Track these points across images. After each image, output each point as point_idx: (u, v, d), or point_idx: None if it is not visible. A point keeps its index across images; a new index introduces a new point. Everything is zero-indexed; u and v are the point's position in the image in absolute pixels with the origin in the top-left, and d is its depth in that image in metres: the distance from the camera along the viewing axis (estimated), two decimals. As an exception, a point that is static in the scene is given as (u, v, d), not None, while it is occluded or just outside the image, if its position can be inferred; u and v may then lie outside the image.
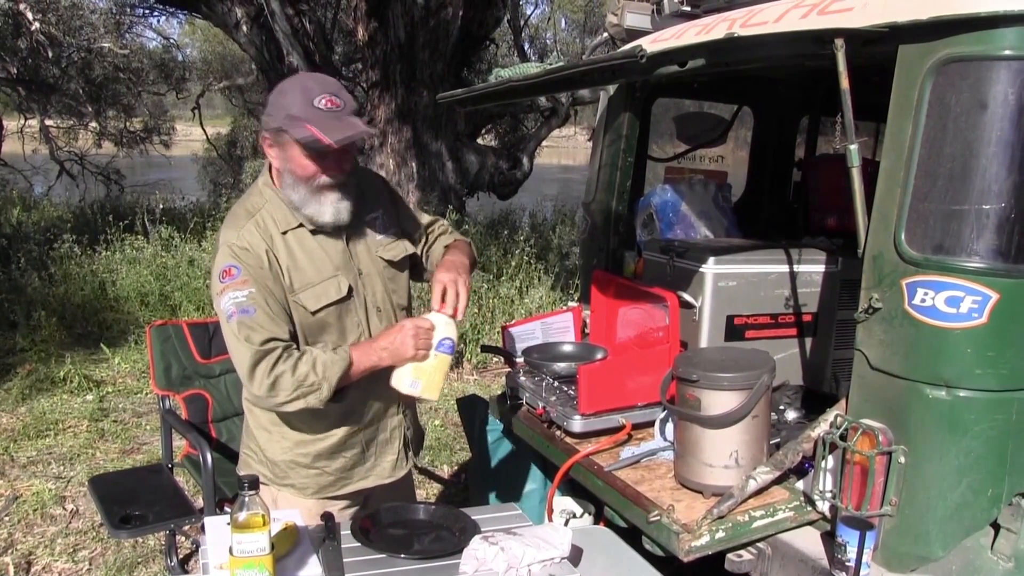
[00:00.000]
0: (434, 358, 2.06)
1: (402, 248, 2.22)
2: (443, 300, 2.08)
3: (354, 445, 2.18)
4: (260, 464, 2.18)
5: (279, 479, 2.17)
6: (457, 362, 6.00)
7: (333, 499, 2.20)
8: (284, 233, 2.02)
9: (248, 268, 1.95)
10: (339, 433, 2.14)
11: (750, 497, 2.11)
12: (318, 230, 2.05)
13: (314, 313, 2.03)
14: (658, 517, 2.11)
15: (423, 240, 2.35)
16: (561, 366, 2.83)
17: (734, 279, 2.70)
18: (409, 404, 2.29)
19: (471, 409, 3.25)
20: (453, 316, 2.07)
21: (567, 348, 3.08)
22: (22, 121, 15.03)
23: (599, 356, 2.90)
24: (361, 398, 2.13)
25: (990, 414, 1.90)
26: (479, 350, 6.19)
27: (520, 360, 3.02)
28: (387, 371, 2.07)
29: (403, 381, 2.07)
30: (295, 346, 2.00)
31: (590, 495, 2.53)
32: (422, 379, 2.06)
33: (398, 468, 2.27)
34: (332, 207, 2.01)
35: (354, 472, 2.21)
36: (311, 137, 1.88)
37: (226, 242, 1.98)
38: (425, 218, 2.39)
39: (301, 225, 2.04)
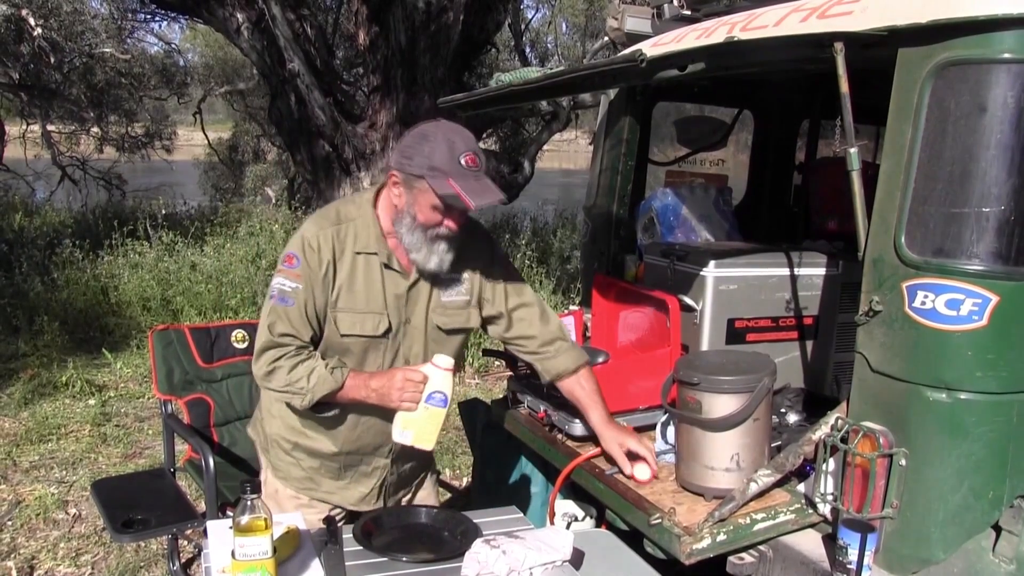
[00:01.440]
0: (424, 410, 2.02)
1: (464, 319, 2.19)
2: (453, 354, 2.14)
3: (334, 461, 2.21)
4: (256, 432, 2.32)
5: (263, 448, 2.29)
6: (458, 366, 6.02)
7: (308, 497, 2.24)
8: (357, 253, 2.03)
9: (307, 265, 2.00)
10: (324, 442, 2.17)
11: (751, 500, 2.11)
12: (389, 265, 2.06)
13: (343, 336, 2.05)
14: (659, 520, 2.11)
15: (505, 317, 2.26)
16: (563, 370, 2.83)
17: (735, 282, 2.71)
18: (404, 454, 2.26)
19: (473, 413, 3.25)
20: (451, 370, 2.03)
21: (568, 352, 3.08)
22: (24, 126, 15.05)
23: (600, 360, 2.90)
24: (354, 428, 2.15)
25: (991, 416, 1.90)
26: (480, 354, 6.19)
27: (522, 364, 3.02)
28: (388, 413, 2.07)
29: (395, 428, 2.06)
30: (310, 348, 2.04)
31: (592, 498, 2.53)
32: (411, 429, 2.04)
33: (364, 503, 2.27)
34: (439, 257, 2.02)
35: (323, 483, 2.23)
36: (454, 195, 1.90)
37: (304, 233, 2.03)
38: (526, 294, 2.29)
39: (375, 254, 2.05)
